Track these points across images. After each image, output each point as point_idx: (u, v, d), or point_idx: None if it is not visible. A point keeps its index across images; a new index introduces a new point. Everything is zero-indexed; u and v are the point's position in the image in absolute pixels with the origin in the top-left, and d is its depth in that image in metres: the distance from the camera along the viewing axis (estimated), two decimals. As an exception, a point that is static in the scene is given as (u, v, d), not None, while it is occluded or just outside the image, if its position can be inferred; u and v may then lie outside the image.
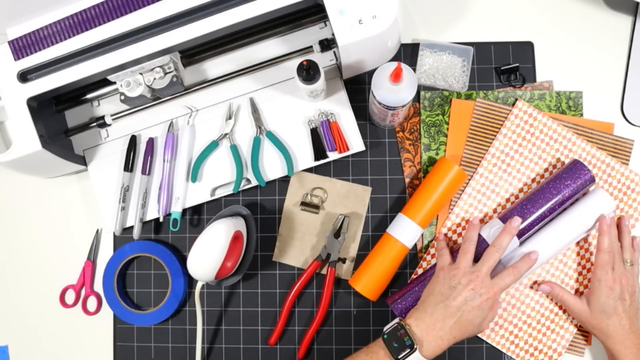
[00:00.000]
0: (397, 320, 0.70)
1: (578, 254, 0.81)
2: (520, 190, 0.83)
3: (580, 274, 0.81)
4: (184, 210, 0.85)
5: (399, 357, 0.67)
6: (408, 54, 0.87)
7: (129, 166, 0.84)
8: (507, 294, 0.81)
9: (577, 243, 0.81)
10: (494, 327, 0.81)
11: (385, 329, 0.70)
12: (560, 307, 0.81)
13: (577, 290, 0.81)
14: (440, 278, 0.72)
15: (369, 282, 0.79)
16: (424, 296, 0.72)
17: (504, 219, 0.77)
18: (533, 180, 0.83)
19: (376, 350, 0.69)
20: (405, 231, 0.79)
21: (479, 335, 0.81)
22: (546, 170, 0.83)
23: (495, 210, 0.83)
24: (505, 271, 0.72)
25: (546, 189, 0.77)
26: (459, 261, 0.73)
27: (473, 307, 0.69)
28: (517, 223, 0.74)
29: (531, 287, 0.81)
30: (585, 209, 0.77)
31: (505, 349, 0.81)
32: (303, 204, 0.84)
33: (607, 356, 0.76)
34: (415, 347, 0.67)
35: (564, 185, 0.77)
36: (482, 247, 0.76)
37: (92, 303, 0.87)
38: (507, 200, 0.83)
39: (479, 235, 0.77)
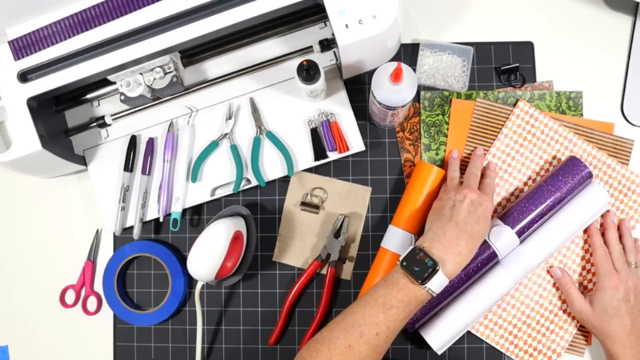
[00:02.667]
0: (411, 247, 0.69)
1: (587, 251, 0.81)
2: (521, 190, 0.83)
3: (584, 268, 0.81)
4: (184, 210, 0.85)
5: (424, 278, 0.66)
6: (408, 54, 0.87)
7: (129, 166, 0.84)
8: (506, 294, 0.81)
9: (585, 241, 0.81)
10: (493, 327, 0.81)
11: (400, 258, 0.68)
12: (560, 308, 0.81)
13: (580, 284, 0.81)
14: (436, 206, 0.74)
15: None
16: (428, 224, 0.73)
17: (505, 218, 0.77)
18: (534, 180, 0.83)
19: (395, 280, 0.67)
20: (398, 242, 0.79)
21: (479, 335, 0.81)
22: (547, 170, 0.83)
23: (495, 210, 0.83)
24: (484, 180, 0.77)
25: (544, 187, 0.77)
26: (448, 186, 0.77)
27: (478, 217, 0.71)
28: (480, 152, 0.81)
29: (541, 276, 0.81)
30: (579, 204, 0.78)
31: (505, 349, 0.81)
32: (303, 204, 0.84)
33: (605, 356, 0.76)
34: (437, 266, 0.66)
35: (561, 182, 0.77)
36: (483, 247, 0.76)
37: (92, 303, 0.87)
38: (508, 200, 0.83)
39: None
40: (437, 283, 0.66)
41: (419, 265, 0.66)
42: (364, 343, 0.65)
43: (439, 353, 0.77)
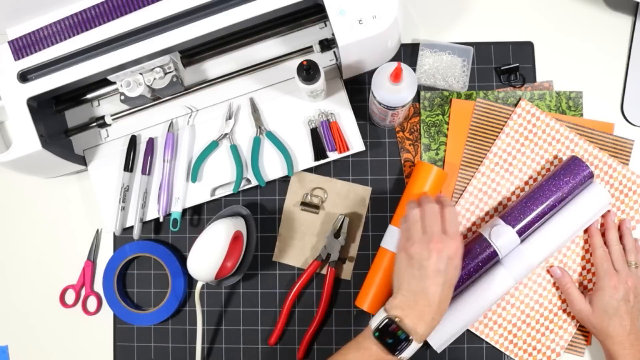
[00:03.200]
0: (383, 315, 0.67)
1: (587, 251, 0.81)
2: (522, 189, 0.83)
3: (584, 268, 0.81)
4: (184, 210, 0.85)
5: (397, 351, 0.65)
6: (408, 54, 0.87)
7: (129, 166, 0.84)
8: (506, 294, 0.81)
9: (586, 241, 0.81)
10: (492, 327, 0.81)
11: (372, 325, 0.66)
12: (560, 307, 0.81)
13: (580, 284, 0.81)
14: (403, 261, 0.68)
15: (375, 299, 0.78)
16: (397, 282, 0.68)
17: (506, 217, 0.77)
18: (535, 180, 0.83)
19: (367, 345, 0.67)
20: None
21: (479, 334, 0.81)
22: (548, 170, 0.83)
23: (496, 209, 0.83)
24: (444, 210, 0.69)
25: (545, 187, 0.77)
26: (411, 236, 0.68)
27: (447, 270, 0.66)
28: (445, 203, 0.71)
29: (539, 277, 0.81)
30: (580, 204, 0.78)
31: (504, 348, 0.81)
32: (303, 204, 0.84)
33: (605, 356, 0.76)
34: (410, 338, 0.65)
35: (563, 182, 0.77)
36: (483, 246, 0.76)
37: (92, 303, 0.87)
38: (509, 199, 0.83)
39: (481, 234, 0.77)
40: (410, 351, 0.66)
41: (391, 337, 0.65)
42: None
43: (439, 351, 0.77)
